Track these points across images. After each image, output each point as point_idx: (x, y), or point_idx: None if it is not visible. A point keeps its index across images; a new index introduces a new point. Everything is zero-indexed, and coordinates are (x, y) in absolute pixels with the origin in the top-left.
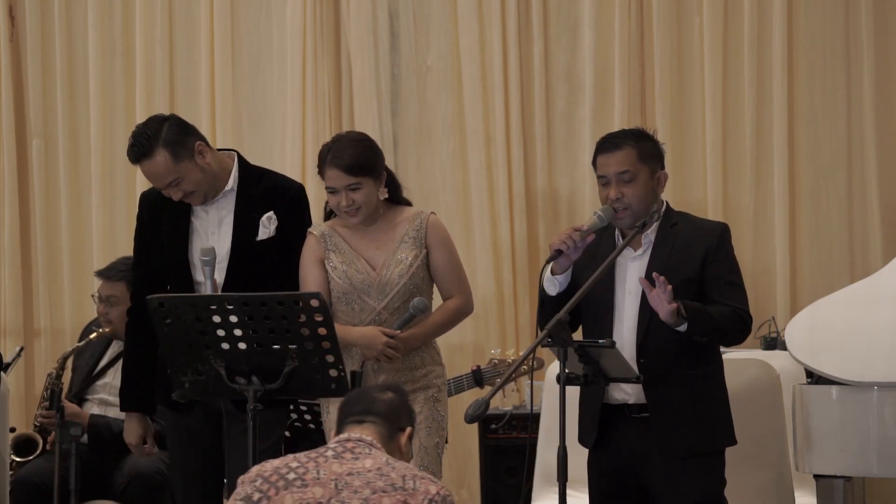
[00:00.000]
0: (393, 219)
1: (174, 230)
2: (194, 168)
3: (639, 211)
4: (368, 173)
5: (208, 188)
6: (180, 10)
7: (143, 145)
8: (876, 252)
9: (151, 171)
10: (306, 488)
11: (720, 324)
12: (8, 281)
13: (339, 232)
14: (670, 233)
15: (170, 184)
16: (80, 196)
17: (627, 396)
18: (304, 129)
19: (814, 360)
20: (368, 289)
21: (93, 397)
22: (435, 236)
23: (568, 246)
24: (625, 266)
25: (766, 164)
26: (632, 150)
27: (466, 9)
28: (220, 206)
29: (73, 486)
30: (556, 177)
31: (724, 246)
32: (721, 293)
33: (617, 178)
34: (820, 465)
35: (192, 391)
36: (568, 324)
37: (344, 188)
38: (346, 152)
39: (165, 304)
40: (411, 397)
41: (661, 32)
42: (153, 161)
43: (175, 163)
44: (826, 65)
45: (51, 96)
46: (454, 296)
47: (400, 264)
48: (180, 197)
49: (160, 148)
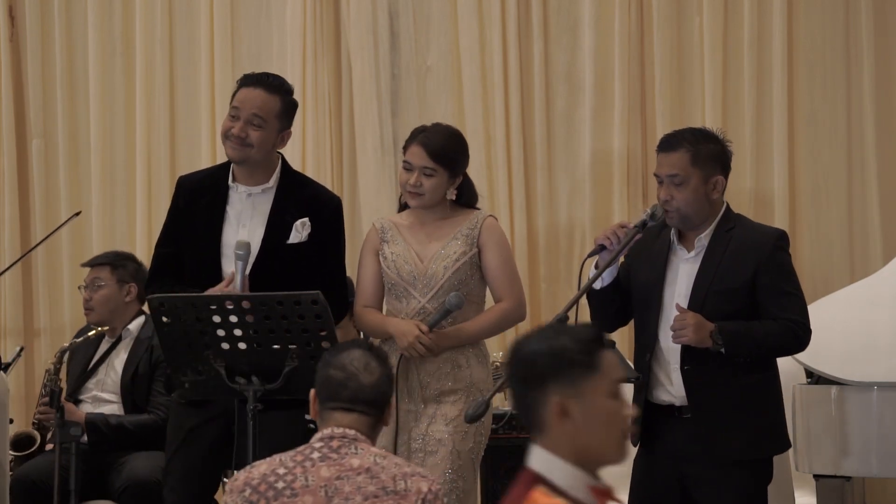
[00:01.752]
0: (454, 218)
1: (209, 215)
2: (273, 134)
3: (687, 214)
4: (447, 165)
5: (261, 159)
6: (180, 10)
7: (273, 80)
8: (876, 252)
9: (253, 96)
10: (296, 498)
11: (764, 343)
12: (8, 281)
13: (397, 224)
14: (725, 238)
15: (251, 117)
16: (80, 196)
17: (673, 399)
18: (304, 129)
19: (814, 360)
20: (415, 281)
21: (86, 396)
22: (488, 237)
23: (612, 241)
24: (676, 266)
25: (766, 164)
26: (686, 153)
27: (466, 9)
28: (257, 201)
29: (73, 487)
30: (556, 177)
31: (778, 254)
32: (774, 302)
33: (668, 179)
34: (820, 465)
35: (192, 391)
36: (616, 317)
37: (419, 168)
38: (438, 137)
39: (165, 304)
40: (451, 397)
41: (661, 32)
42: (260, 93)
43: (273, 113)
44: (826, 65)
45: (51, 96)
46: (504, 299)
47: (447, 258)
48: (237, 133)
49: (276, 94)
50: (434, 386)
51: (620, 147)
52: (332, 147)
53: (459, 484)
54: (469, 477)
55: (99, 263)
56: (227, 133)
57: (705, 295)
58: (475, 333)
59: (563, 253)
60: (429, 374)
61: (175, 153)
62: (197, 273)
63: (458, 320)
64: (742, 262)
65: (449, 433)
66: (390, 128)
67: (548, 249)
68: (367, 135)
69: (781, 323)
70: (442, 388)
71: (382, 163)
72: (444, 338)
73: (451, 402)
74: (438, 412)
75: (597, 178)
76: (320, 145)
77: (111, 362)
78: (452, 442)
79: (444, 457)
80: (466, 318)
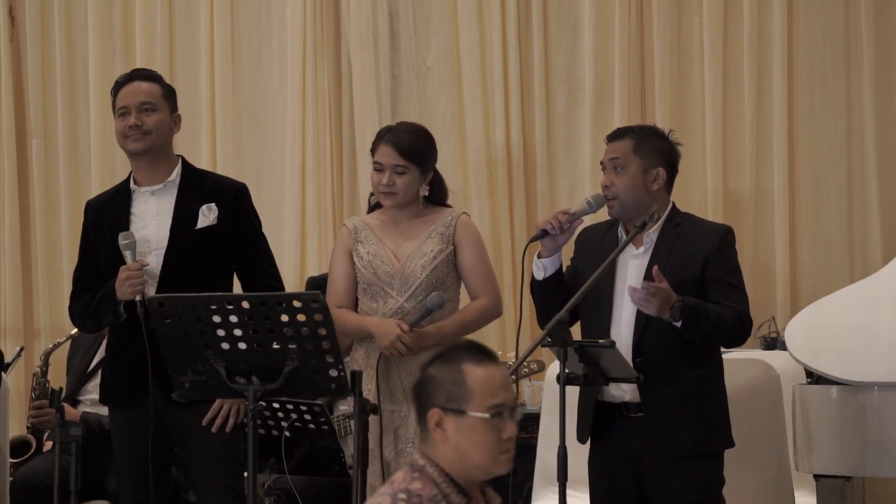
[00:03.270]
0: (427, 216)
1: (115, 221)
2: (167, 116)
3: (626, 202)
4: (417, 162)
5: (162, 144)
6: (180, 10)
7: (144, 72)
8: (876, 252)
9: (133, 89)
10: None
11: (718, 324)
12: (8, 281)
13: (370, 224)
14: (672, 233)
15: (139, 105)
16: (80, 196)
17: (623, 394)
18: (304, 129)
19: (814, 360)
20: (392, 280)
21: (85, 398)
22: (463, 235)
23: (553, 226)
24: (625, 264)
25: (766, 163)
26: (630, 140)
27: (466, 9)
28: (161, 197)
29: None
30: (556, 177)
31: (725, 248)
32: (721, 294)
33: (609, 163)
34: (820, 465)
35: (192, 391)
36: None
37: (390, 167)
38: (405, 135)
39: (165, 304)
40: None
41: (661, 32)
42: (138, 84)
43: (159, 95)
44: (826, 65)
45: (51, 96)
46: (480, 296)
47: (423, 257)
48: (133, 123)
49: (152, 81)
50: None
51: None
52: (332, 147)
53: None
54: None
55: None
56: (124, 131)
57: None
58: (454, 332)
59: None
60: (409, 373)
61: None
62: (111, 275)
63: (436, 319)
64: (690, 256)
65: None
66: None
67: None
68: (367, 135)
69: (730, 309)
70: None
71: None
72: (424, 337)
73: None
74: None
75: (597, 178)
76: (320, 145)
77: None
78: None
79: None
80: (444, 317)
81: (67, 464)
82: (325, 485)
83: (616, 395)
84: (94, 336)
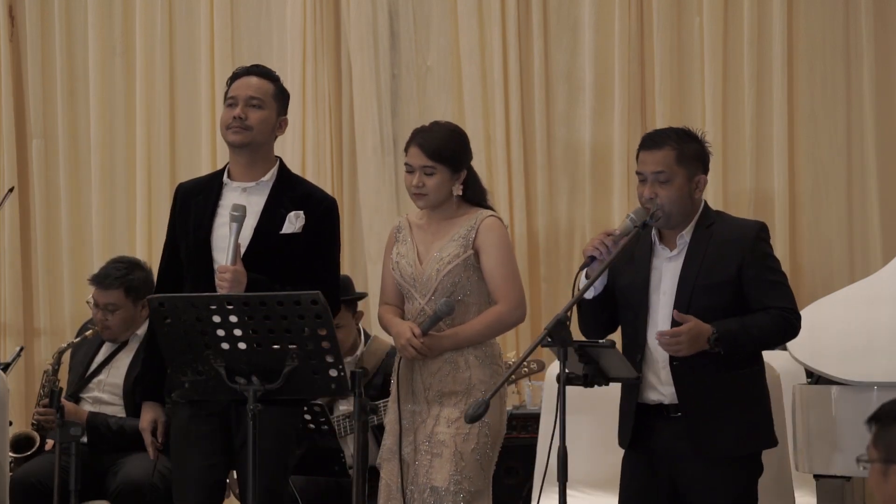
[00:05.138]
0: (459, 217)
1: (202, 210)
2: (273, 116)
3: (671, 213)
4: (446, 162)
5: (260, 143)
6: (180, 10)
7: (262, 69)
8: (876, 252)
9: (247, 82)
10: None
11: (761, 336)
12: (8, 281)
13: (411, 223)
14: (706, 233)
15: (248, 99)
16: (80, 196)
17: (662, 397)
18: (304, 129)
19: (814, 360)
20: (415, 283)
21: (87, 396)
22: (485, 238)
23: (601, 252)
24: (660, 267)
25: (766, 163)
26: (671, 150)
27: (466, 9)
28: (251, 193)
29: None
30: (556, 177)
31: (760, 246)
32: (762, 295)
33: (653, 177)
34: (820, 465)
35: (192, 391)
36: (606, 325)
37: (419, 168)
38: (434, 136)
39: (165, 304)
40: (452, 399)
41: (661, 32)
42: (254, 79)
43: (270, 94)
44: (826, 65)
45: (51, 96)
46: (499, 301)
47: (440, 261)
48: (238, 115)
49: (268, 79)
50: (436, 387)
51: (620, 147)
52: (332, 147)
53: (465, 485)
54: (476, 477)
55: (111, 287)
56: (228, 122)
57: (691, 290)
58: (470, 337)
59: (562, 253)
60: (430, 374)
61: (175, 153)
62: (190, 268)
63: (457, 322)
64: (726, 257)
65: (451, 435)
66: (390, 128)
67: (548, 249)
68: (367, 135)
69: (773, 313)
70: (443, 389)
71: (382, 163)
72: (440, 340)
73: (453, 404)
74: (441, 414)
75: (597, 178)
76: (320, 145)
77: (115, 364)
78: (454, 443)
79: (448, 458)
80: (465, 320)
81: (67, 464)
82: (325, 485)
83: (655, 398)
84: (96, 336)
